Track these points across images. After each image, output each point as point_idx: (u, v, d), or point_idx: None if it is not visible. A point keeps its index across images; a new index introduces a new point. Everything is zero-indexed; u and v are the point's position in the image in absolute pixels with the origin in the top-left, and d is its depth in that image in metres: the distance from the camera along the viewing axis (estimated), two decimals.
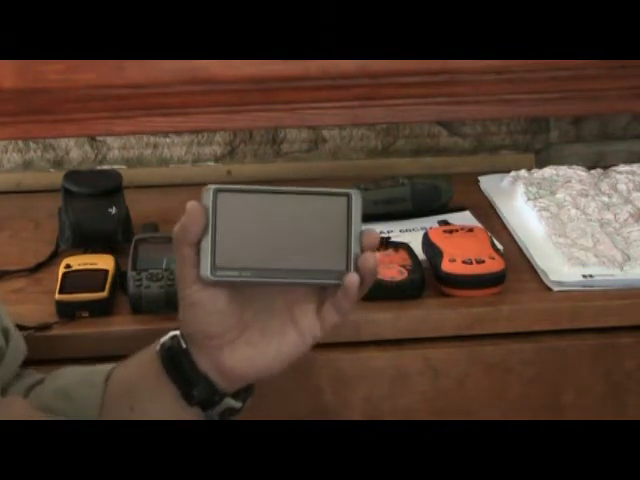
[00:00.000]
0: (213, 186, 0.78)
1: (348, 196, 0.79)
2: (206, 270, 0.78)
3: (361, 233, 0.80)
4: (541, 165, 1.44)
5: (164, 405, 0.85)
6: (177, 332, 0.84)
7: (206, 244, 0.78)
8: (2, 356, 0.94)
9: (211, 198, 0.78)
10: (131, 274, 1.11)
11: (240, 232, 0.78)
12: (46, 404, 0.89)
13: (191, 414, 0.85)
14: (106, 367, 0.91)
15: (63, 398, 0.90)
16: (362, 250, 0.79)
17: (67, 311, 1.09)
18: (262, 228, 0.79)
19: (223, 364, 0.82)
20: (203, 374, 0.83)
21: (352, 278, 0.78)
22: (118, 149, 1.49)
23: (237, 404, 0.85)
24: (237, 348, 0.81)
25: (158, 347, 0.85)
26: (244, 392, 0.86)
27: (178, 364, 0.83)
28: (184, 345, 0.83)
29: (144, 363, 0.86)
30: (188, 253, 0.78)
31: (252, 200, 0.79)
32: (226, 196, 0.78)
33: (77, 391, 0.90)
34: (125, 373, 0.89)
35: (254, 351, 0.82)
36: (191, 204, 0.78)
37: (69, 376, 0.93)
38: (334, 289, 0.80)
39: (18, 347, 0.97)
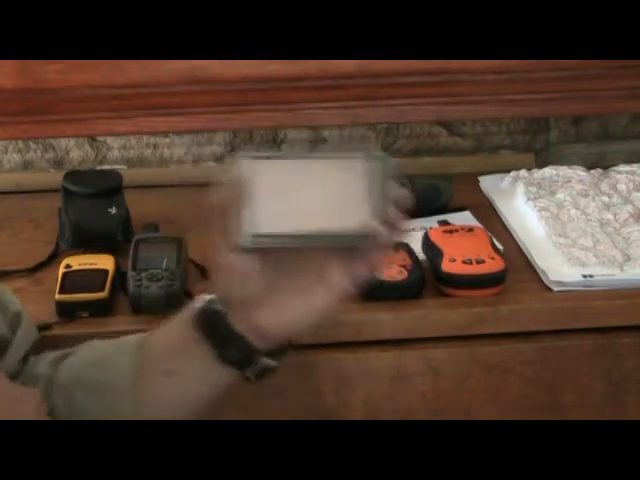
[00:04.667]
0: (244, 153, 0.80)
1: (376, 157, 0.81)
2: (246, 238, 0.79)
3: (388, 193, 0.80)
4: (541, 165, 1.44)
5: (201, 369, 0.87)
6: (212, 296, 0.86)
7: (244, 213, 0.79)
8: (8, 342, 0.94)
9: (243, 166, 0.79)
10: (131, 274, 1.11)
11: (274, 198, 0.80)
12: (81, 376, 0.91)
13: (227, 376, 0.87)
14: (138, 336, 0.92)
15: (97, 368, 0.91)
16: (391, 209, 0.81)
17: (67, 311, 1.09)
18: (294, 193, 0.80)
19: (258, 324, 0.84)
20: (239, 335, 0.85)
21: (382, 233, 0.80)
22: (118, 149, 1.49)
23: (273, 363, 0.87)
24: (270, 308, 0.84)
25: (194, 311, 0.86)
26: (279, 351, 0.88)
27: (215, 326, 0.85)
28: (220, 308, 0.85)
29: (178, 329, 0.88)
30: (225, 222, 0.80)
31: (283, 165, 0.80)
32: (259, 163, 0.80)
33: (111, 360, 0.91)
34: (159, 340, 0.90)
35: (286, 310, 0.84)
36: (228, 176, 0.80)
37: (100, 347, 0.94)
38: (363, 249, 0.81)
39: (29, 330, 0.98)
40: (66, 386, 0.90)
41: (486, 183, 1.41)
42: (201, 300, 0.87)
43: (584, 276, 1.14)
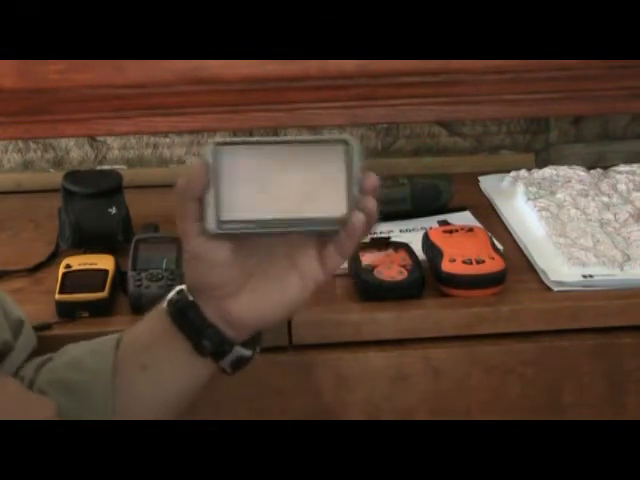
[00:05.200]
0: (214, 140, 0.79)
1: (346, 142, 0.80)
2: (211, 224, 0.79)
3: (360, 178, 0.80)
4: (541, 165, 1.44)
5: (176, 360, 0.87)
6: (183, 287, 0.86)
7: (209, 198, 0.79)
8: (11, 348, 0.94)
9: (211, 152, 0.79)
10: (131, 274, 1.11)
11: (242, 184, 0.79)
12: (60, 378, 0.90)
13: (204, 368, 0.87)
14: (114, 336, 0.92)
15: (75, 369, 0.91)
16: (363, 194, 0.80)
17: (67, 311, 1.09)
18: (263, 179, 0.80)
19: (229, 313, 0.84)
20: (212, 324, 0.84)
21: (357, 217, 0.80)
22: (118, 149, 1.49)
23: (247, 352, 0.87)
24: (242, 296, 0.83)
25: (165, 303, 0.87)
26: (253, 341, 0.87)
27: (186, 316, 0.85)
28: (191, 298, 0.85)
29: (152, 323, 0.88)
30: (192, 208, 0.80)
31: (252, 152, 0.80)
32: (227, 149, 0.79)
33: (88, 361, 0.90)
34: (134, 335, 0.90)
35: (258, 298, 0.84)
36: (194, 160, 0.79)
37: (79, 348, 0.94)
38: (336, 234, 0.81)
39: (29, 337, 0.98)
40: (45, 388, 0.90)
41: (486, 183, 1.41)
42: (173, 291, 0.87)
43: (584, 276, 1.14)
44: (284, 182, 0.80)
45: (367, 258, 1.13)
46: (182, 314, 0.85)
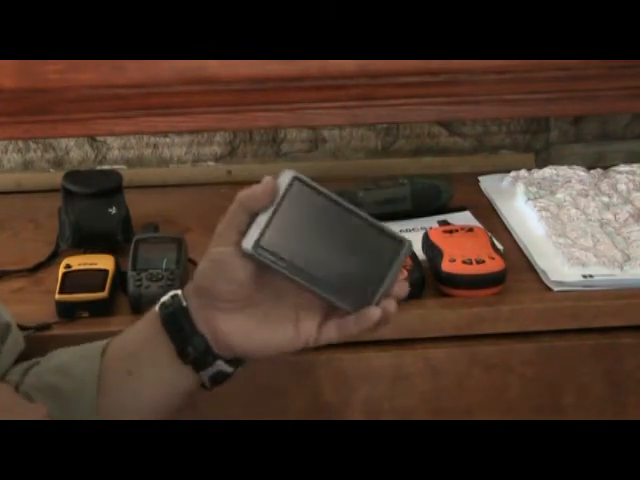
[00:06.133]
0: (293, 172, 0.80)
1: (404, 242, 0.82)
2: (249, 243, 0.80)
3: (395, 279, 0.83)
4: (541, 165, 1.45)
5: (159, 364, 0.87)
6: (178, 292, 0.86)
7: (261, 219, 0.80)
8: None
9: (287, 182, 0.80)
10: (131, 274, 1.11)
11: (295, 224, 0.80)
12: (45, 382, 0.90)
13: (184, 376, 0.87)
14: (101, 342, 0.92)
15: (62, 374, 0.91)
16: (389, 294, 0.83)
17: (67, 311, 1.09)
18: (316, 231, 0.81)
19: (219, 328, 0.84)
20: (200, 332, 0.85)
21: (375, 311, 0.82)
22: (118, 149, 1.49)
23: (228, 369, 0.87)
24: (236, 318, 0.84)
25: (158, 306, 0.87)
26: (236, 360, 0.88)
27: (176, 320, 0.85)
28: (184, 303, 0.85)
29: (142, 327, 0.88)
30: (241, 218, 0.81)
31: (321, 202, 0.81)
32: (300, 186, 0.80)
33: (75, 366, 0.91)
34: (122, 341, 0.90)
35: (250, 327, 0.84)
36: (269, 178, 0.80)
37: (66, 354, 0.94)
38: (344, 312, 0.83)
39: (16, 341, 0.98)
40: (30, 392, 0.90)
41: (486, 183, 1.41)
42: (167, 295, 0.87)
43: (584, 276, 1.14)
44: (333, 244, 0.81)
45: None
46: (173, 318, 0.86)
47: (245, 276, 0.82)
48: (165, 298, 0.87)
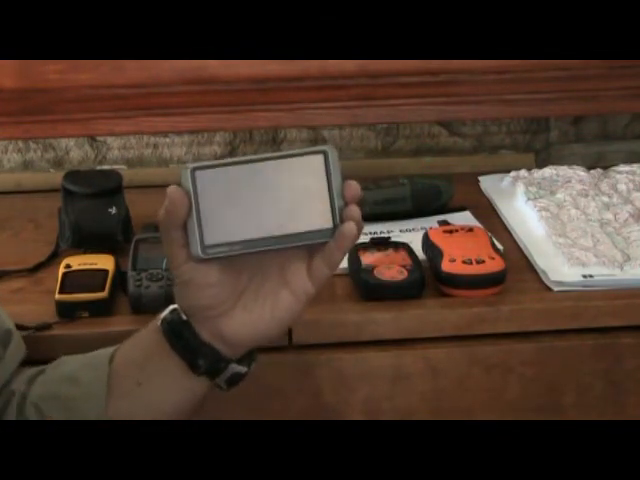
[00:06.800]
0: (189, 165, 0.79)
1: (324, 153, 0.80)
2: (197, 249, 0.79)
3: (342, 187, 0.80)
4: (541, 165, 1.44)
5: (171, 379, 0.86)
6: (176, 305, 0.86)
7: (192, 224, 0.79)
8: (0, 358, 0.94)
9: (189, 178, 0.78)
10: (131, 274, 1.11)
11: (224, 206, 0.79)
12: (53, 392, 0.90)
13: (199, 385, 0.86)
14: (108, 350, 0.91)
15: (70, 383, 0.90)
16: (346, 203, 0.80)
17: (67, 311, 1.09)
18: (244, 198, 0.79)
19: (223, 332, 0.84)
20: (206, 343, 0.84)
21: (348, 227, 0.79)
22: (118, 149, 1.49)
23: (243, 369, 0.87)
24: (235, 315, 0.83)
25: (159, 322, 0.86)
26: (248, 357, 0.87)
27: (181, 336, 0.85)
28: (184, 317, 0.85)
29: (147, 339, 0.88)
30: (176, 235, 0.80)
31: (230, 173, 0.79)
32: (202, 173, 0.79)
33: (83, 375, 0.90)
34: (129, 351, 0.90)
35: (251, 316, 0.83)
36: (171, 188, 0.79)
37: (72, 362, 0.93)
38: (321, 246, 0.81)
39: (19, 347, 0.98)
40: (38, 402, 0.90)
41: (486, 183, 1.41)
42: (166, 310, 0.86)
43: (584, 276, 1.14)
44: (266, 199, 0.79)
45: (367, 258, 1.13)
46: (176, 334, 0.85)
47: (216, 278, 0.81)
48: (165, 313, 0.86)
